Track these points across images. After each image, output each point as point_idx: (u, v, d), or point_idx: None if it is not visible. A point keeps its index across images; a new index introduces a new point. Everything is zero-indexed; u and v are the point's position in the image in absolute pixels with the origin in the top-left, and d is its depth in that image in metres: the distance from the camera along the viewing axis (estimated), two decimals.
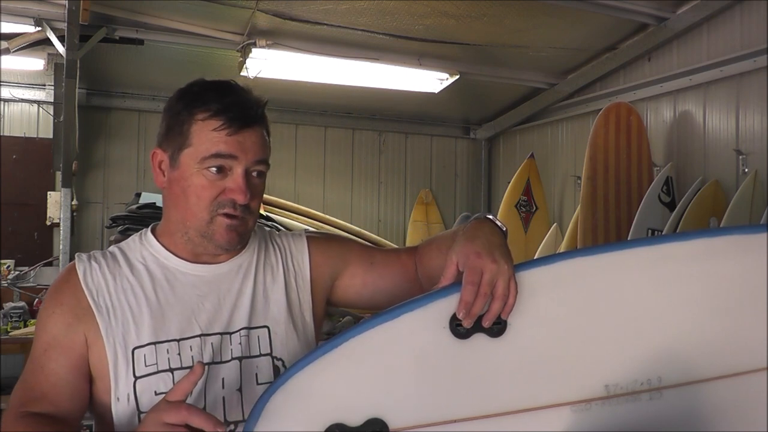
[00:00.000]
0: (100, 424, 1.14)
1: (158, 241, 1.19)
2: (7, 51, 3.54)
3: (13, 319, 3.70)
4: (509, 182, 4.68)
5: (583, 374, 0.97)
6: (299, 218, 4.52)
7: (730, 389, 1.02)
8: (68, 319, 1.10)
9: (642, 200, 3.45)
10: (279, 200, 4.54)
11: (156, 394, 1.07)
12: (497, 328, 0.95)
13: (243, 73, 3.79)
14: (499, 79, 4.50)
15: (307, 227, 4.33)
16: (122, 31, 3.55)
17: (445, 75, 4.28)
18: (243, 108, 1.12)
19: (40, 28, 3.43)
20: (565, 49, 4.06)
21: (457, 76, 4.24)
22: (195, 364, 0.95)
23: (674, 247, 1.02)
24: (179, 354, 1.10)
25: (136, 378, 1.08)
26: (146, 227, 1.23)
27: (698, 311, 1.02)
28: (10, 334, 3.55)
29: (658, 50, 3.88)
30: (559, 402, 0.96)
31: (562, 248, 4.09)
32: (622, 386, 0.98)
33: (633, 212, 3.47)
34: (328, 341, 0.93)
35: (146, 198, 3.95)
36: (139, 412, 1.07)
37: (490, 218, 1.09)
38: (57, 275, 1.20)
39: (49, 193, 4.37)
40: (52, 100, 4.24)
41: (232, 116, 1.10)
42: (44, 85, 4.42)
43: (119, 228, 3.72)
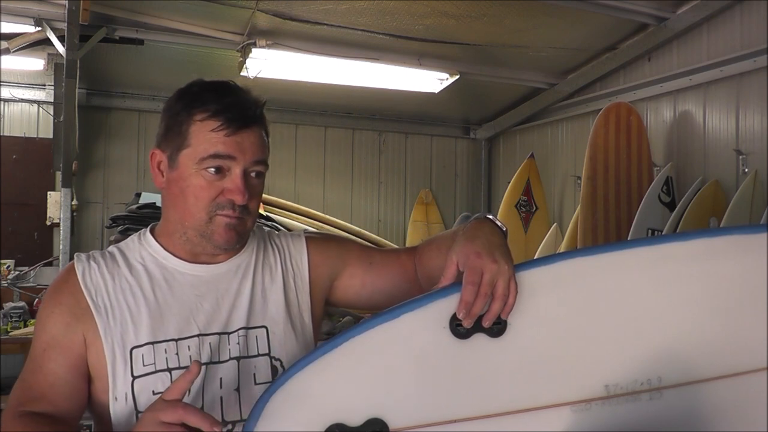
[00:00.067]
0: (99, 423, 1.15)
1: (157, 242, 1.19)
2: (7, 51, 3.54)
3: (13, 319, 3.69)
4: (509, 182, 4.67)
5: (583, 374, 0.97)
6: (299, 218, 4.52)
7: (730, 389, 1.02)
8: (67, 318, 1.11)
9: (642, 200, 3.45)
10: (279, 200, 4.54)
11: (154, 393, 1.07)
12: (497, 328, 0.95)
13: (243, 73, 3.79)
14: (499, 79, 4.50)
15: (307, 227, 4.33)
16: (122, 31, 3.55)
17: (445, 75, 4.28)
18: (241, 108, 1.12)
19: (40, 28, 3.43)
20: (565, 49, 4.06)
21: (457, 76, 4.24)
22: (191, 363, 0.95)
23: (674, 247, 1.02)
24: (177, 354, 1.10)
25: (134, 378, 1.08)
26: (146, 227, 1.23)
27: (698, 311, 1.02)
28: (10, 334, 3.55)
29: (658, 50, 3.88)
30: (559, 402, 0.96)
31: (562, 248, 4.09)
32: (622, 386, 0.98)
33: (633, 212, 3.47)
34: (328, 341, 0.93)
35: (146, 198, 3.95)
36: (137, 411, 1.07)
37: (490, 218, 1.09)
38: (57, 275, 1.20)
39: (49, 193, 4.37)
40: (52, 100, 4.24)
41: (230, 117, 1.10)
42: (44, 85, 4.42)
43: (119, 228, 3.72)
